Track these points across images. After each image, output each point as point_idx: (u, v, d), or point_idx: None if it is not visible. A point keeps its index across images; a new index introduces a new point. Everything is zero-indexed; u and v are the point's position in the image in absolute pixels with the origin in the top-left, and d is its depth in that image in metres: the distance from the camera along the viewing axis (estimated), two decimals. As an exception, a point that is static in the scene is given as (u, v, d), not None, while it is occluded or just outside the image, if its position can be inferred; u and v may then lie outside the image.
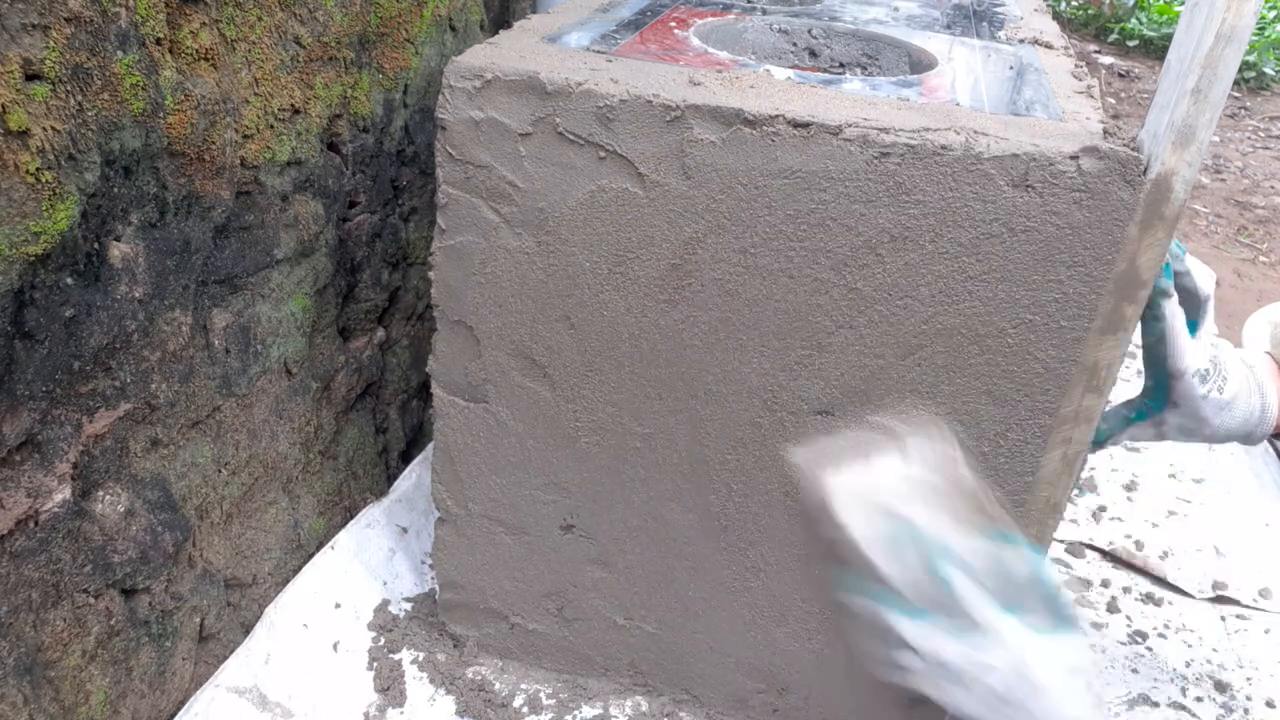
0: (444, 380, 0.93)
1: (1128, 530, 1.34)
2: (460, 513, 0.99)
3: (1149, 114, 0.70)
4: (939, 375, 0.79)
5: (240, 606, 1.02)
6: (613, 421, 0.89)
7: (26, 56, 0.61)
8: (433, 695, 1.01)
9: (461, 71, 0.79)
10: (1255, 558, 1.31)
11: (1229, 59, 0.62)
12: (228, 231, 0.87)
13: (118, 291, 0.74)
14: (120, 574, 0.82)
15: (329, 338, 1.08)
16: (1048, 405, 0.77)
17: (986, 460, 0.81)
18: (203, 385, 0.88)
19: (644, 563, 0.95)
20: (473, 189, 0.83)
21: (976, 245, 0.74)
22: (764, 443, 0.86)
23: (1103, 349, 0.74)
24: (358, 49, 1.00)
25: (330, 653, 1.02)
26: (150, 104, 0.72)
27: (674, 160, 0.77)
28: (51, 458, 0.72)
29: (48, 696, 0.77)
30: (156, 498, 0.85)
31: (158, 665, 0.89)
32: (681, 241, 0.80)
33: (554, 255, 0.83)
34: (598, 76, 0.78)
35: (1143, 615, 1.20)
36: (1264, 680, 1.12)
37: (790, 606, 0.93)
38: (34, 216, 0.64)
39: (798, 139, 0.74)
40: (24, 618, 0.73)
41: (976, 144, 0.71)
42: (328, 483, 1.14)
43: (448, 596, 1.05)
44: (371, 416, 1.22)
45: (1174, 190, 0.68)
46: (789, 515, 0.88)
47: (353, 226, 1.08)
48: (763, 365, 0.83)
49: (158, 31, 0.72)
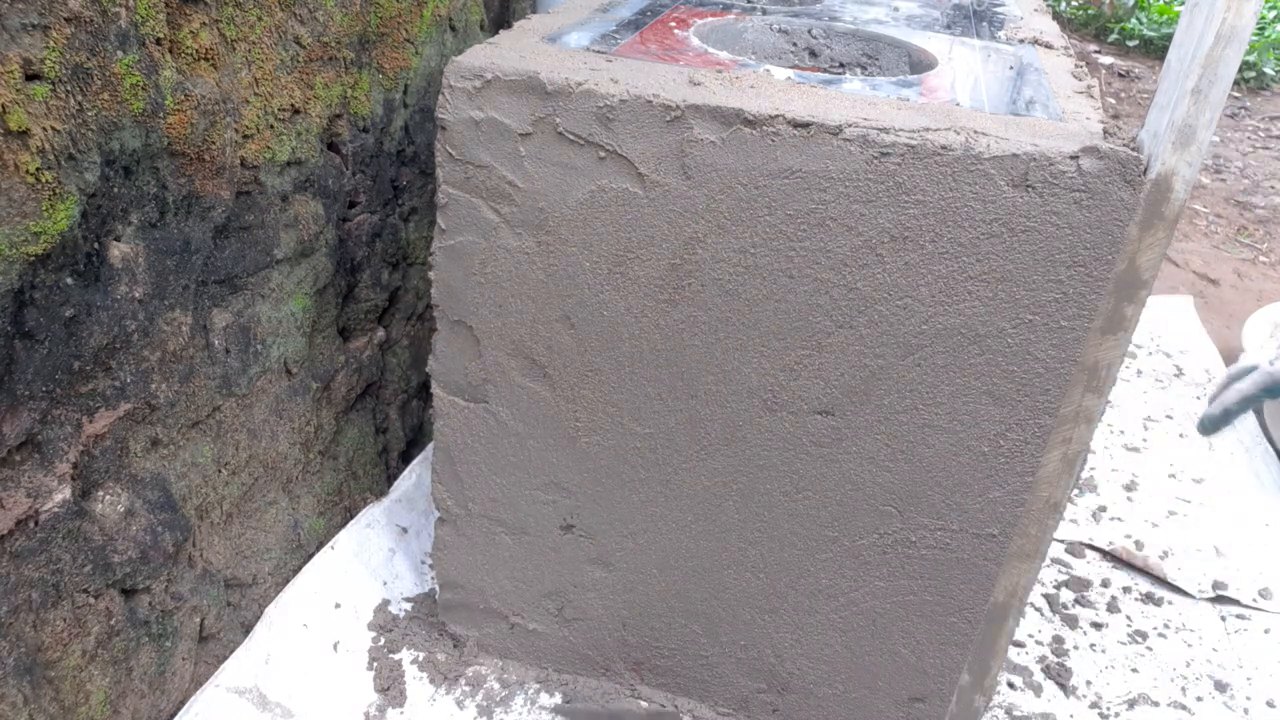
0: (444, 380, 0.93)
1: (1128, 530, 1.34)
2: (460, 513, 0.99)
3: (1149, 114, 0.70)
4: (939, 375, 0.79)
5: (240, 606, 1.02)
6: (613, 421, 0.89)
7: (26, 56, 0.61)
8: (433, 695, 1.01)
9: (461, 71, 0.79)
10: (1255, 558, 1.31)
11: (1229, 59, 0.62)
12: (228, 231, 0.87)
13: (118, 291, 0.74)
14: (120, 574, 0.82)
15: (329, 338, 1.08)
16: (1048, 405, 0.77)
17: (986, 460, 0.81)
18: (203, 385, 0.88)
19: (644, 563, 0.96)
20: (473, 189, 0.83)
21: (976, 245, 0.74)
22: (764, 443, 0.86)
23: (1103, 349, 0.74)
24: (358, 49, 1.00)
25: (330, 653, 1.02)
26: (150, 104, 0.72)
27: (674, 160, 0.77)
28: (51, 458, 0.72)
29: (48, 696, 0.77)
30: (156, 498, 0.85)
31: (158, 665, 0.89)
32: (681, 241, 0.80)
33: (554, 255, 0.83)
34: (598, 76, 0.78)
35: (1143, 615, 1.20)
36: (1264, 680, 1.12)
37: (791, 606, 0.93)
38: (34, 216, 0.64)
39: (798, 139, 0.74)
40: (24, 618, 0.73)
41: (976, 144, 0.71)
42: (328, 483, 1.14)
43: (448, 596, 1.05)
44: (371, 416, 1.22)
45: (1174, 190, 0.68)
46: (790, 515, 0.88)
47: (353, 226, 1.08)
48: (763, 365, 0.83)
49: (158, 31, 0.72)
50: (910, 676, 0.93)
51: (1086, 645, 1.14)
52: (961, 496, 0.83)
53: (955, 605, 0.88)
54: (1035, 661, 1.11)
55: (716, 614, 0.96)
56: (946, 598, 0.88)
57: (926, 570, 0.87)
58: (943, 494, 0.83)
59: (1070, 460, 0.79)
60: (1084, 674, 1.10)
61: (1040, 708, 1.05)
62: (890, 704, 0.95)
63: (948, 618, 0.89)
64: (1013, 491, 0.81)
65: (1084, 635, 1.16)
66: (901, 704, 0.95)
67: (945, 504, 0.84)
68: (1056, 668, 1.10)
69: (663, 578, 0.96)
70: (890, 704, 0.95)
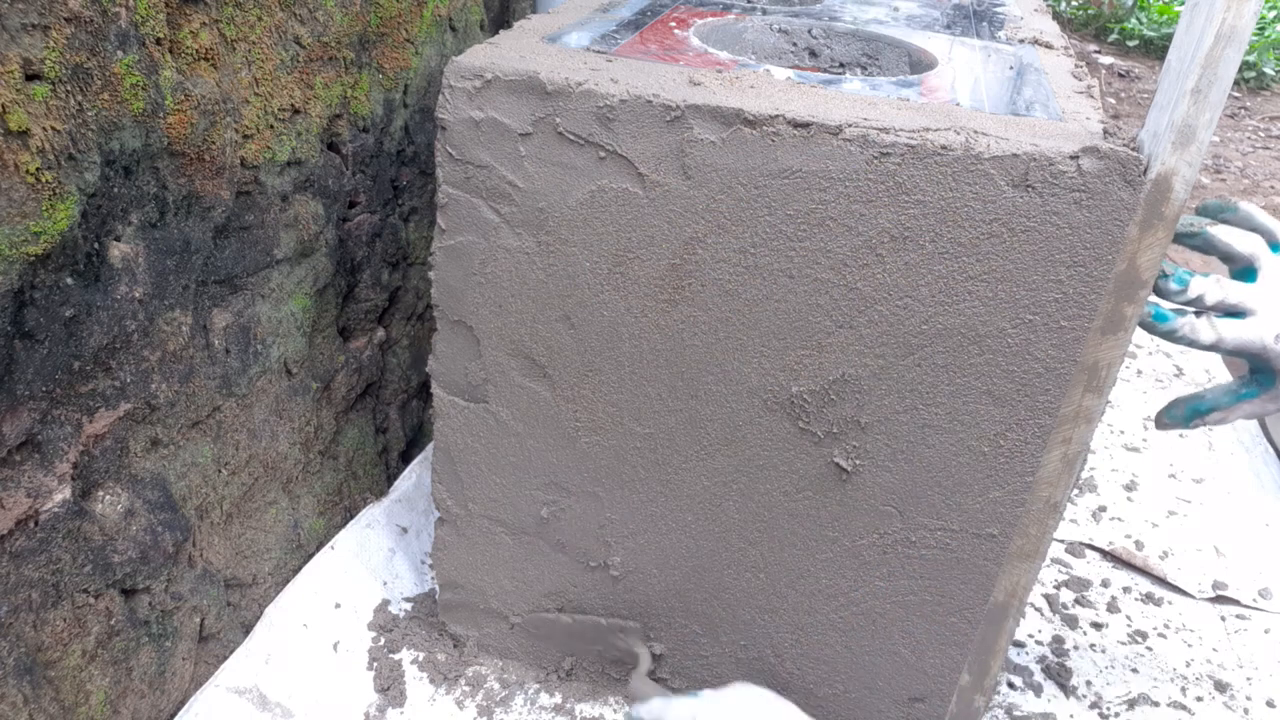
0: (444, 380, 0.93)
1: (1128, 530, 1.34)
2: (460, 513, 0.99)
3: (1149, 114, 0.70)
4: (939, 375, 0.79)
5: (240, 606, 1.02)
6: (613, 421, 0.89)
7: (26, 56, 0.61)
8: (433, 695, 1.01)
9: (461, 71, 0.79)
10: (1255, 558, 1.31)
11: (1229, 59, 0.62)
12: (228, 231, 0.87)
13: (118, 291, 0.74)
14: (120, 574, 0.82)
15: (329, 338, 1.08)
16: (1048, 405, 0.77)
17: (986, 460, 0.81)
18: (203, 385, 0.88)
19: (644, 563, 0.95)
20: (473, 189, 0.83)
21: (976, 245, 0.74)
22: (764, 443, 0.86)
23: (1103, 349, 0.74)
24: (358, 49, 1.00)
25: (330, 653, 1.02)
26: (150, 104, 0.72)
27: (674, 160, 0.77)
28: (51, 458, 0.72)
29: (48, 696, 0.77)
30: (156, 498, 0.85)
31: (158, 665, 0.89)
32: (681, 241, 0.80)
33: (554, 255, 0.83)
34: (598, 76, 0.78)
35: (1143, 615, 1.20)
36: (1264, 680, 1.12)
37: (791, 606, 0.93)
38: (34, 216, 0.64)
39: (798, 139, 0.74)
40: (24, 618, 0.73)
41: (976, 144, 0.71)
42: (328, 483, 1.14)
43: (448, 596, 1.05)
44: (371, 416, 1.22)
45: (1174, 190, 0.68)
46: (790, 515, 0.88)
47: (353, 226, 1.08)
48: (763, 365, 0.83)
49: (158, 31, 0.72)
50: (910, 676, 0.93)
51: (1086, 645, 1.14)
52: (961, 496, 0.83)
53: (955, 605, 0.88)
54: (1035, 661, 1.11)
55: (716, 614, 0.96)
56: (946, 598, 0.88)
57: (926, 570, 0.87)
58: (943, 494, 0.83)
59: (1070, 460, 0.79)
60: (1084, 674, 1.10)
61: (1040, 708, 1.05)
62: (890, 704, 0.95)
63: (948, 618, 0.89)
64: (1013, 491, 0.81)
65: (1084, 635, 1.16)
66: (901, 704, 0.95)
67: (945, 504, 0.84)
68: (1056, 668, 1.10)
69: (662, 577, 0.96)
70: (890, 704, 0.95)
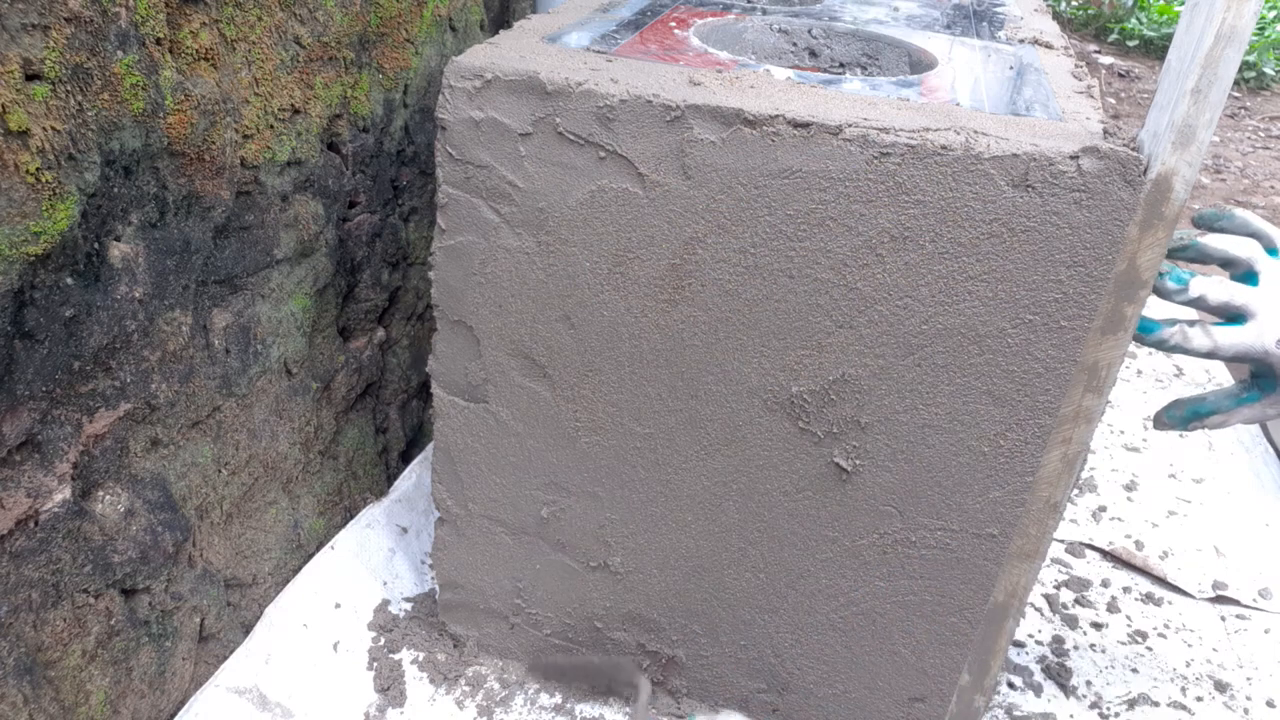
0: (444, 380, 0.93)
1: (1128, 530, 1.34)
2: (460, 513, 0.99)
3: (1149, 114, 0.70)
4: (939, 375, 0.79)
5: (240, 606, 1.02)
6: (613, 421, 0.89)
7: (26, 56, 0.61)
8: (433, 695, 1.01)
9: (461, 71, 0.79)
10: (1255, 558, 1.31)
11: (1229, 59, 0.62)
12: (228, 231, 0.87)
13: (118, 291, 0.75)
14: (120, 574, 0.82)
15: (329, 338, 1.08)
16: (1048, 405, 0.77)
17: (986, 460, 0.81)
18: (203, 385, 0.88)
19: (644, 563, 0.95)
20: (473, 189, 0.83)
21: (976, 245, 0.74)
22: (764, 443, 0.86)
23: (1103, 349, 0.74)
24: (358, 49, 1.00)
25: (330, 653, 1.02)
26: (150, 104, 0.72)
27: (674, 160, 0.77)
28: (51, 458, 0.72)
29: (48, 696, 0.77)
30: (156, 498, 0.85)
31: (158, 665, 0.89)
32: (681, 241, 0.80)
33: (554, 255, 0.83)
34: (598, 76, 0.78)
35: (1143, 615, 1.20)
36: (1264, 680, 1.12)
37: (791, 606, 0.93)
38: (34, 216, 0.64)
39: (798, 139, 0.74)
40: (24, 618, 0.73)
41: (976, 144, 0.71)
42: (328, 483, 1.14)
43: (448, 596, 1.05)
44: (371, 416, 1.22)
45: (1174, 190, 0.68)
46: (790, 515, 0.88)
47: (353, 226, 1.08)
48: (763, 365, 0.83)
49: (158, 31, 0.72)
50: (910, 676, 0.93)
51: (1086, 645, 1.14)
52: (961, 496, 0.83)
53: (955, 605, 0.88)
54: (1035, 661, 1.11)
55: (716, 614, 0.96)
56: (946, 598, 0.88)
57: (926, 570, 0.87)
58: (943, 494, 0.83)
59: (1070, 460, 0.79)
60: (1084, 674, 1.10)
61: (1040, 708, 1.05)
62: (890, 704, 0.95)
63: (948, 617, 0.89)
64: (1013, 491, 0.81)
65: (1084, 635, 1.16)
66: (901, 704, 0.95)
67: (945, 504, 0.84)
68: (1056, 668, 1.10)
69: (662, 577, 0.96)
70: (890, 704, 0.95)
